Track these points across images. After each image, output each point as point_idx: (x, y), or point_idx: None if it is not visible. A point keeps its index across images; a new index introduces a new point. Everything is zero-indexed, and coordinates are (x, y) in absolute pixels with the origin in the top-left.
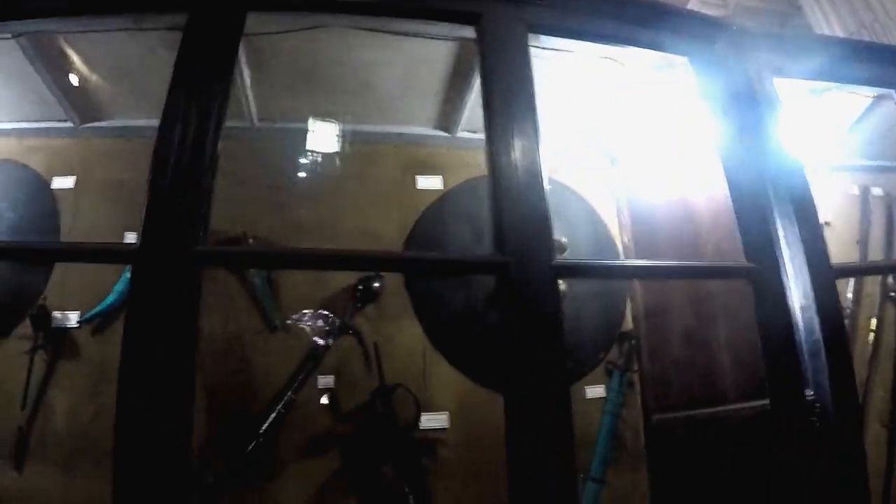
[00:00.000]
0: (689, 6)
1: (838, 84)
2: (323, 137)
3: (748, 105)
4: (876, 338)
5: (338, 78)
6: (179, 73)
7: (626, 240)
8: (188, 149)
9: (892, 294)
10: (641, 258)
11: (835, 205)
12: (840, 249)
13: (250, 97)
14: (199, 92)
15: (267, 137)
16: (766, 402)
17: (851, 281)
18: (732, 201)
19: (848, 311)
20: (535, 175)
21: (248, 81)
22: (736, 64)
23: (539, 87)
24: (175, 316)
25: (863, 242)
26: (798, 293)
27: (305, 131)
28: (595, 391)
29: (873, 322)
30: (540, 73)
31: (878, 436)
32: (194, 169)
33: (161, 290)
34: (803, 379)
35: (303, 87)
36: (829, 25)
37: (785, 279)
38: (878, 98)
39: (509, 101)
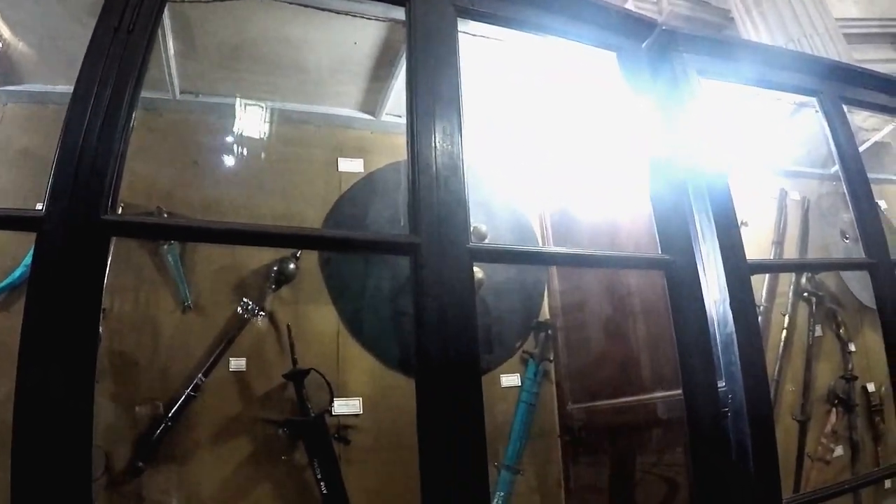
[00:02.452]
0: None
1: (763, 90)
2: (250, 120)
3: (673, 104)
4: (788, 335)
5: (265, 54)
6: (97, 37)
7: (545, 231)
8: (101, 115)
9: (805, 294)
10: (559, 239)
11: (753, 206)
12: (756, 249)
13: (173, 68)
14: (116, 58)
15: (189, 111)
16: (680, 392)
17: (766, 280)
18: (651, 196)
19: (762, 308)
20: (454, 159)
21: (171, 51)
22: (663, 63)
23: (467, 73)
24: (79, 288)
25: (778, 243)
26: (713, 287)
27: (229, 106)
28: (510, 380)
29: (786, 320)
30: (468, 60)
31: (789, 429)
32: (106, 136)
33: (65, 260)
34: (715, 370)
35: (229, 61)
36: (759, 37)
37: (700, 273)
38: (800, 105)
39: (434, 84)
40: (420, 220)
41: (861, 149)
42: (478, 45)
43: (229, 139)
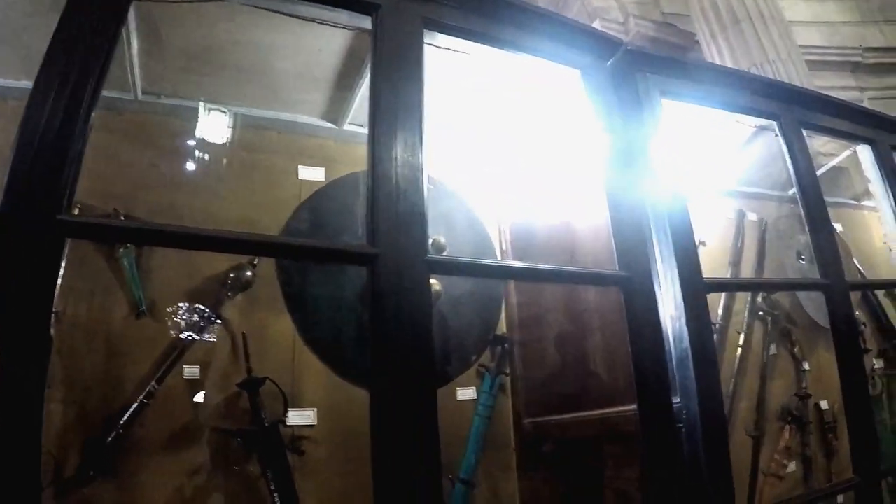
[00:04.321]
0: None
1: (725, 112)
2: (211, 124)
3: (635, 123)
4: (743, 353)
5: (230, 58)
6: (60, 33)
7: (504, 246)
8: (61, 113)
9: (761, 313)
10: (520, 255)
11: (712, 226)
12: (713, 269)
13: (136, 68)
14: (79, 55)
15: (150, 112)
16: (636, 407)
17: (722, 298)
18: (610, 213)
19: (717, 326)
20: (415, 170)
21: (135, 51)
22: (626, 83)
23: (432, 84)
24: (31, 289)
25: (734, 263)
26: (669, 304)
27: (192, 109)
28: (466, 393)
29: (742, 338)
30: (433, 71)
31: (744, 444)
32: (65, 135)
33: (18, 260)
34: (669, 385)
35: (193, 63)
36: (723, 61)
37: (657, 290)
38: (760, 129)
39: (397, 95)
40: (378, 230)
41: (819, 173)
42: (444, 56)
43: (190, 143)
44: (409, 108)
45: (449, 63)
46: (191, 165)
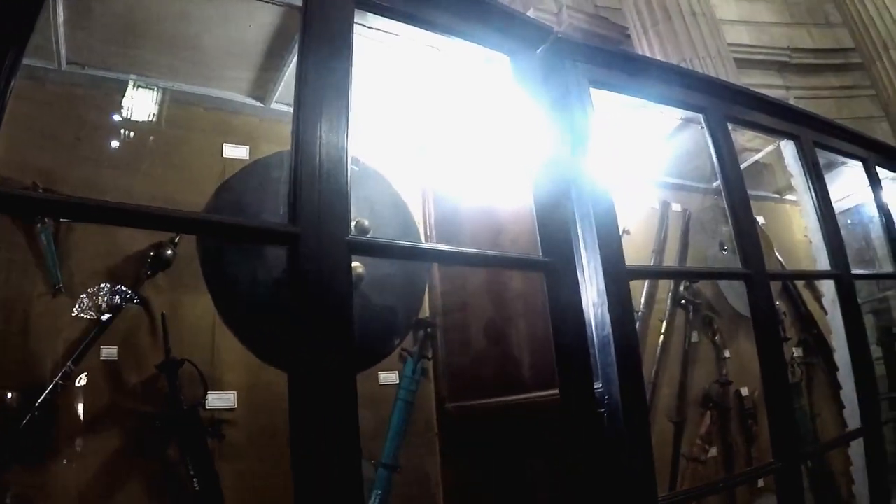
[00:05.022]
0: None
1: (652, 103)
2: (136, 97)
3: (563, 111)
4: (665, 340)
5: (157, 29)
6: None
7: (428, 230)
8: None
9: (682, 301)
10: (443, 238)
11: (637, 215)
12: (637, 257)
13: (61, 36)
14: None
15: (74, 84)
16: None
17: (645, 287)
18: (534, 199)
19: (640, 313)
20: (339, 150)
21: (60, 18)
22: (555, 71)
23: (361, 66)
24: None
25: (658, 252)
26: (592, 290)
27: (117, 82)
28: (389, 377)
29: (664, 325)
30: (363, 53)
31: (665, 430)
32: None
33: None
34: (591, 370)
35: (120, 34)
36: (653, 55)
37: (580, 276)
38: (686, 121)
39: (325, 73)
40: (300, 209)
41: (743, 166)
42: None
43: (114, 116)
44: (336, 88)
45: (381, 43)
46: (115, 140)
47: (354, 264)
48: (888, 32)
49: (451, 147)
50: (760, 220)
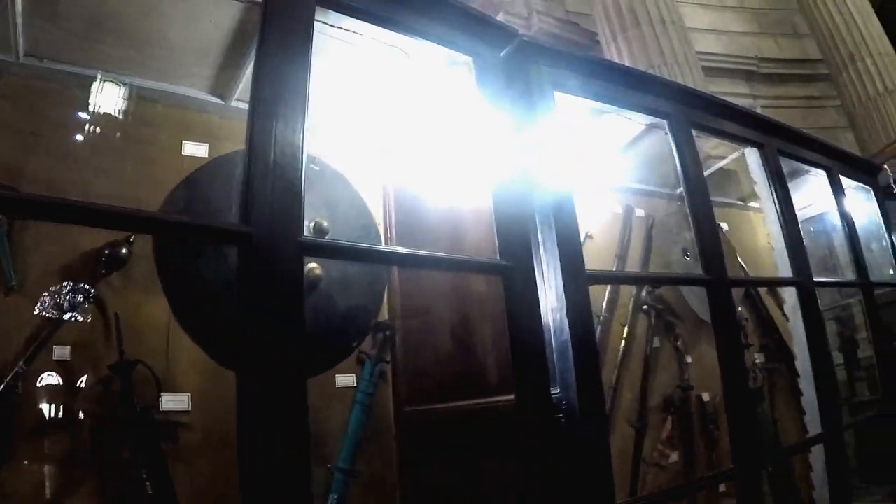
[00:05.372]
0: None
1: (615, 108)
2: (95, 92)
3: (525, 114)
4: (627, 345)
5: (118, 24)
6: None
7: (390, 232)
8: None
9: (644, 307)
10: (404, 239)
11: (600, 220)
12: (600, 261)
13: (20, 27)
14: None
15: (32, 77)
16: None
17: (607, 291)
18: (494, 202)
19: (602, 318)
20: (294, 149)
21: (19, 9)
22: (519, 73)
23: (323, 65)
24: None
25: (621, 257)
26: (551, 295)
27: (76, 76)
28: (346, 380)
29: (625, 330)
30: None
31: (626, 435)
32: None
33: None
34: (548, 375)
35: (81, 26)
36: (622, 61)
37: (539, 280)
38: (650, 126)
39: (283, 70)
40: (252, 209)
41: (707, 173)
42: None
43: (72, 111)
44: (294, 85)
45: (344, 42)
46: (71, 135)
47: (312, 265)
48: (855, 44)
49: (414, 149)
50: (724, 226)
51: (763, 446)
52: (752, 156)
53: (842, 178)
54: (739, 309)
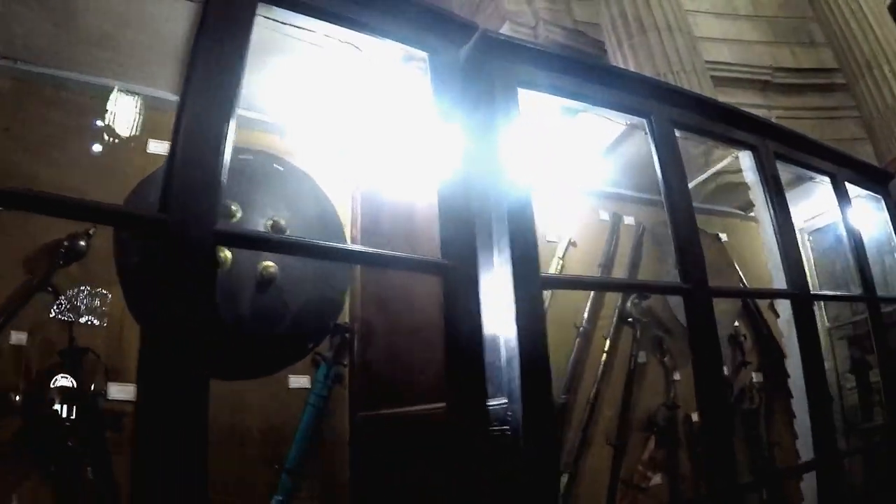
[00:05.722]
0: (502, 30)
1: (590, 106)
2: (64, 92)
3: (485, 111)
4: (609, 358)
5: (82, 24)
6: None
7: (355, 232)
8: None
9: (630, 319)
10: (372, 243)
11: (585, 227)
12: (582, 271)
13: None
14: None
15: (6, 77)
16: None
17: (589, 301)
18: (439, 199)
19: (581, 329)
20: (217, 139)
21: None
22: (479, 70)
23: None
24: None
25: (606, 266)
26: (501, 299)
27: (47, 76)
28: (300, 381)
29: (607, 343)
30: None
31: (604, 453)
32: None
33: None
34: (484, 383)
35: (50, 27)
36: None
37: (485, 282)
38: (632, 127)
39: (217, 59)
40: (170, 197)
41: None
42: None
43: (43, 111)
44: (226, 75)
45: (300, 41)
46: (41, 133)
47: (267, 263)
48: (871, 51)
49: (376, 148)
50: (723, 237)
51: (759, 471)
52: (745, 159)
53: (851, 186)
54: (737, 324)
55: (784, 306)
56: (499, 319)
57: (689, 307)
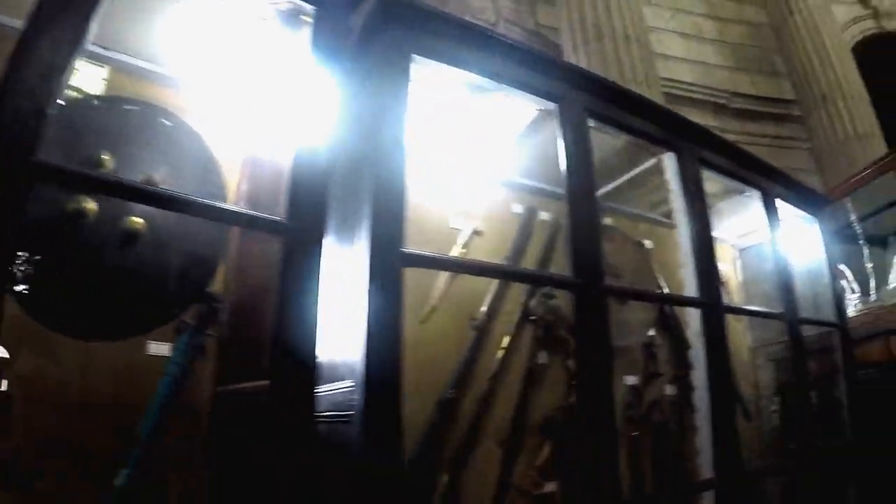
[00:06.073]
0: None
1: (497, 85)
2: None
3: (374, 76)
4: (506, 357)
5: None
6: None
7: (239, 195)
8: None
9: (532, 318)
10: (253, 209)
11: (497, 218)
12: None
13: None
14: None
15: None
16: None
17: (490, 297)
18: (294, 157)
19: (479, 322)
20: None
21: None
22: (370, 37)
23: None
24: None
25: (511, 259)
26: (356, 271)
27: None
28: (161, 349)
29: (505, 340)
30: None
31: (492, 452)
32: None
33: None
34: (313, 362)
35: None
36: None
37: (345, 257)
38: (545, 113)
39: None
40: None
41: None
42: None
43: None
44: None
45: None
46: None
47: (133, 218)
48: (829, 85)
49: (267, 112)
50: (648, 244)
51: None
52: (669, 160)
53: (789, 206)
54: (652, 334)
55: (694, 316)
56: (353, 297)
57: (578, 304)
